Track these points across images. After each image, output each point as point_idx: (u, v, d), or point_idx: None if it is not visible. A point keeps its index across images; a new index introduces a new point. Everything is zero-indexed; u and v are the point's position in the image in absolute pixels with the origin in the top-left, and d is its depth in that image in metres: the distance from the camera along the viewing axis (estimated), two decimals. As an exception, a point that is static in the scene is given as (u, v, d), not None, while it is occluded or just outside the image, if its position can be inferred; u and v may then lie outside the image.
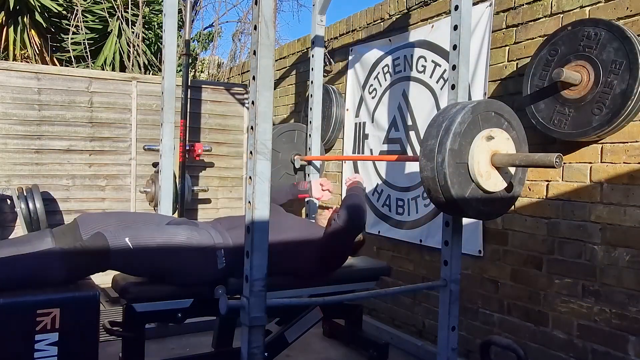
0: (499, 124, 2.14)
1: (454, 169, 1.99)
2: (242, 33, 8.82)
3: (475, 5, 2.85)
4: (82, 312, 1.86)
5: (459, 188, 2.00)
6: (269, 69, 1.79)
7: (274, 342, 2.47)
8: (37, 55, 7.16)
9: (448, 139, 1.97)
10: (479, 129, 2.06)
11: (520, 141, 2.23)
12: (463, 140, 2.01)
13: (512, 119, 2.20)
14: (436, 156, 1.98)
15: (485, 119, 2.09)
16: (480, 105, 2.07)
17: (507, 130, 2.16)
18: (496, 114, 2.13)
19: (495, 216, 2.31)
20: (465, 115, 2.01)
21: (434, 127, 2.05)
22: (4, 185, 4.25)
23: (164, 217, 2.50)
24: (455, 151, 1.98)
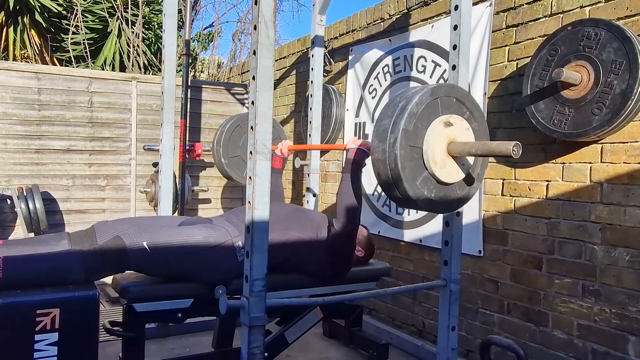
0: (460, 111, 2.01)
1: (407, 152, 1.85)
2: (242, 33, 8.83)
3: (475, 5, 2.85)
4: (82, 312, 1.86)
5: (410, 173, 1.87)
6: (269, 69, 1.79)
7: (274, 342, 2.47)
8: (37, 55, 7.16)
9: (402, 119, 1.83)
10: (438, 114, 1.92)
11: (481, 135, 2.09)
12: (419, 122, 1.87)
13: (474, 109, 2.07)
14: (389, 136, 1.84)
15: (446, 104, 1.96)
16: (441, 89, 1.95)
17: (468, 120, 2.02)
18: (458, 100, 2.01)
19: (446, 210, 2.13)
20: (424, 97, 1.88)
21: (390, 107, 1.92)
22: (4, 185, 4.26)
23: (177, 219, 2.52)
24: (410, 133, 1.85)
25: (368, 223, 3.25)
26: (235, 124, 3.81)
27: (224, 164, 3.82)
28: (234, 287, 2.21)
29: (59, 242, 2.14)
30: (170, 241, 2.15)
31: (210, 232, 2.26)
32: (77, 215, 4.54)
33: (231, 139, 3.78)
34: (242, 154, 3.81)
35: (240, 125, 3.82)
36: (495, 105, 2.84)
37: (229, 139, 3.77)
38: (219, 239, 2.24)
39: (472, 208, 2.90)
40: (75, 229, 4.14)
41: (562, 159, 2.50)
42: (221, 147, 3.76)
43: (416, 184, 1.90)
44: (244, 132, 3.77)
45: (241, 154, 3.82)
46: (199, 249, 2.19)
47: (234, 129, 3.80)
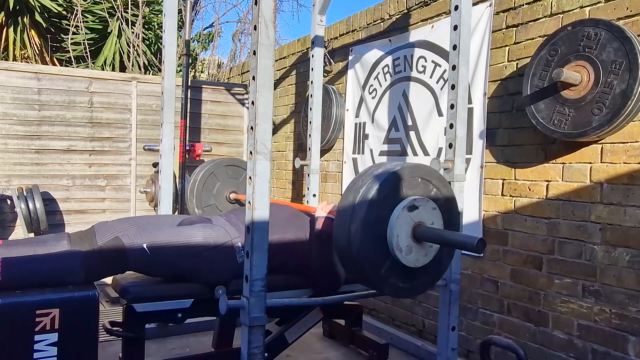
0: (425, 190, 1.96)
1: (369, 240, 1.81)
2: (242, 33, 8.82)
3: (475, 5, 2.85)
4: (82, 313, 1.86)
5: (373, 263, 1.83)
6: (269, 69, 1.79)
7: (274, 342, 2.47)
8: (37, 55, 7.16)
9: (363, 209, 1.79)
10: (402, 197, 1.88)
11: (449, 211, 2.03)
12: (380, 210, 1.82)
13: (441, 185, 2.02)
14: (350, 226, 1.81)
15: (410, 185, 1.91)
16: (404, 170, 1.90)
17: (435, 198, 1.97)
18: (423, 179, 1.95)
19: (416, 294, 2.08)
20: (387, 182, 1.83)
21: (351, 192, 1.87)
22: (4, 185, 4.26)
23: (177, 218, 2.51)
24: (371, 223, 1.80)
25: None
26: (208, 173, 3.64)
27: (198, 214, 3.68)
28: (234, 287, 2.21)
29: (59, 243, 2.14)
30: (170, 242, 2.15)
31: (209, 232, 2.25)
32: (77, 216, 4.54)
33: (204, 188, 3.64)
34: (216, 202, 3.68)
35: (213, 172, 3.68)
36: (495, 105, 2.84)
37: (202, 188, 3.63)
38: (219, 239, 2.24)
39: (472, 208, 2.90)
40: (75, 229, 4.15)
41: (562, 159, 2.50)
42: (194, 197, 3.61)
43: (381, 272, 1.86)
44: (218, 180, 3.68)
45: (215, 202, 3.69)
46: (198, 250, 2.19)
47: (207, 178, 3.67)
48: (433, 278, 2.05)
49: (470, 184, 2.88)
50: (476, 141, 2.91)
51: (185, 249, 2.16)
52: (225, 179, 3.73)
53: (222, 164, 3.75)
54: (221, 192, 3.72)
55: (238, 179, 3.72)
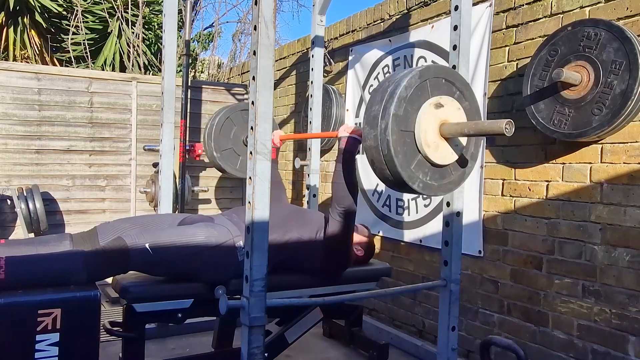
0: (450, 92, 1.98)
1: (399, 137, 1.82)
2: (242, 33, 8.82)
3: (475, 6, 2.85)
4: (83, 313, 1.86)
5: (403, 158, 1.84)
6: (269, 69, 1.79)
7: (274, 342, 2.47)
8: (37, 56, 7.16)
9: (392, 104, 1.80)
10: (428, 96, 1.90)
11: (473, 113, 2.06)
12: (409, 106, 1.84)
13: (464, 88, 2.04)
14: (379, 123, 1.81)
15: (435, 85, 1.93)
16: (429, 70, 1.92)
17: (459, 100, 2.00)
18: (447, 81, 1.98)
19: (443, 192, 2.10)
20: (412, 80, 1.85)
21: (379, 92, 1.88)
22: (4, 185, 4.26)
23: (178, 217, 2.51)
24: (400, 117, 1.82)
25: (368, 223, 3.25)
26: (224, 117, 3.74)
27: (216, 157, 3.79)
28: (234, 287, 2.21)
29: (61, 243, 2.15)
30: (172, 241, 2.15)
31: (211, 231, 2.26)
32: (77, 216, 4.54)
33: (222, 132, 3.73)
34: (233, 146, 3.77)
35: (230, 117, 3.75)
36: (495, 106, 2.84)
37: (219, 132, 3.72)
38: (220, 238, 2.25)
39: (472, 208, 2.90)
40: (76, 229, 4.16)
41: (562, 159, 2.50)
42: (212, 140, 3.71)
43: (410, 168, 1.87)
44: (234, 125, 3.73)
45: (233, 146, 3.77)
46: (200, 249, 2.19)
47: (223, 122, 3.74)
48: (459, 179, 2.07)
49: (470, 184, 2.88)
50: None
51: (188, 248, 2.17)
52: (241, 123, 3.77)
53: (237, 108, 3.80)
54: (238, 136, 3.78)
55: None
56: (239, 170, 3.93)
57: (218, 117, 3.76)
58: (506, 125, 1.77)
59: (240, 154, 3.83)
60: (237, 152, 3.81)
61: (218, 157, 3.76)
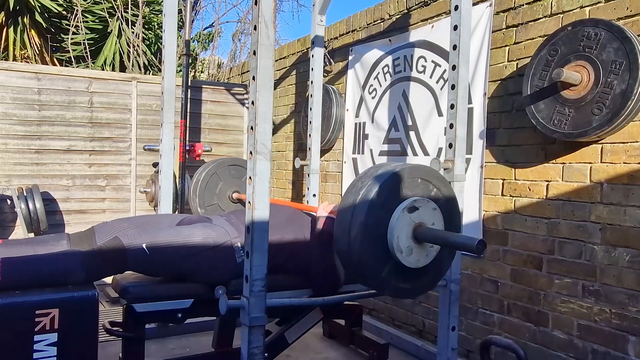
0: (426, 191, 1.96)
1: (370, 244, 1.81)
2: (242, 33, 8.82)
3: (475, 5, 2.85)
4: (81, 313, 1.86)
5: (374, 265, 1.83)
6: (269, 69, 1.79)
7: (274, 342, 2.47)
8: (37, 55, 7.16)
9: (363, 212, 1.79)
10: (401, 199, 1.88)
11: (450, 211, 2.02)
12: (381, 212, 1.82)
13: (441, 185, 2.02)
14: (350, 229, 1.80)
15: (410, 186, 1.91)
16: (404, 172, 1.90)
17: (435, 198, 1.97)
18: (423, 180, 1.95)
19: (417, 294, 2.11)
20: (385, 184, 1.83)
21: (351, 194, 1.87)
22: (4, 185, 4.26)
23: (177, 217, 2.51)
24: (371, 226, 1.80)
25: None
26: (211, 172, 3.65)
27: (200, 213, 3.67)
28: (233, 287, 2.21)
29: (59, 243, 2.14)
30: (169, 242, 2.15)
31: (209, 232, 2.25)
32: (77, 216, 4.54)
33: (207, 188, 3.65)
34: (219, 202, 3.68)
35: (216, 172, 3.67)
36: (495, 105, 2.84)
37: (205, 187, 3.64)
38: (218, 239, 2.24)
39: (472, 208, 2.90)
40: (75, 229, 4.15)
41: (562, 159, 2.50)
42: (197, 196, 3.62)
43: (382, 275, 1.86)
44: (221, 180, 3.68)
45: (218, 202, 3.69)
46: (198, 250, 2.18)
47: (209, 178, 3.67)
48: (434, 278, 2.05)
49: (470, 184, 2.88)
50: (476, 141, 2.91)
51: (185, 249, 2.16)
52: (227, 178, 3.73)
53: (224, 164, 3.76)
54: (224, 192, 3.72)
55: (241, 178, 3.72)
56: None
57: (205, 172, 3.64)
58: (478, 244, 1.73)
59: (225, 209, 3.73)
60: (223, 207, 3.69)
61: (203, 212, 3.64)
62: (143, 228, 2.27)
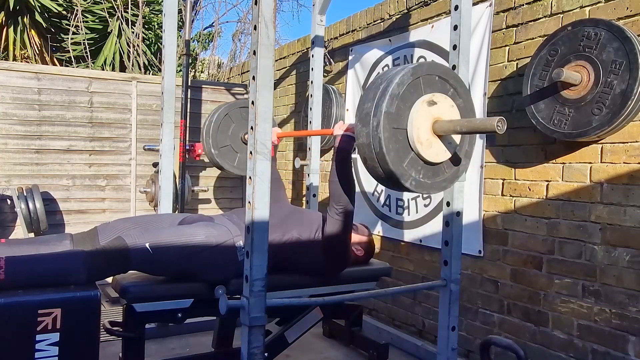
0: (443, 89, 1.97)
1: (391, 134, 1.81)
2: (242, 33, 8.82)
3: (475, 5, 2.85)
4: (83, 312, 1.86)
5: (395, 156, 1.83)
6: (269, 69, 1.79)
7: (274, 342, 2.47)
8: (37, 55, 7.16)
9: (384, 102, 1.79)
10: (421, 93, 1.89)
11: (467, 111, 2.05)
12: (401, 103, 1.83)
13: (458, 85, 2.04)
14: (371, 120, 1.81)
15: (428, 82, 1.92)
16: (422, 68, 1.91)
17: (453, 98, 1.99)
18: (440, 78, 1.97)
19: (436, 190, 2.08)
20: (405, 77, 1.84)
21: (371, 90, 1.87)
22: (4, 185, 4.26)
23: (178, 216, 2.52)
24: (392, 115, 1.81)
25: (368, 223, 3.25)
26: (223, 114, 3.75)
27: (214, 154, 3.79)
28: (234, 287, 2.21)
29: (61, 243, 2.14)
30: (172, 241, 2.15)
31: (211, 231, 2.26)
32: (77, 216, 4.54)
33: (220, 129, 3.73)
34: (231, 143, 3.77)
35: (228, 114, 3.76)
36: (495, 105, 2.84)
37: (217, 129, 3.71)
38: (220, 238, 2.25)
39: (472, 208, 2.90)
40: (76, 229, 4.16)
41: (562, 159, 2.50)
42: (210, 137, 3.71)
43: (403, 166, 1.86)
44: (233, 122, 3.73)
45: (231, 143, 3.77)
46: (200, 249, 2.19)
47: (222, 119, 3.74)
48: (453, 176, 2.06)
49: (470, 184, 2.88)
50: (476, 141, 2.91)
51: (188, 248, 2.17)
52: (239, 120, 3.78)
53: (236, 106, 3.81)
54: (236, 134, 3.79)
55: None
56: (237, 168, 3.93)
57: (217, 114, 3.76)
58: (498, 123, 1.76)
59: (238, 151, 3.83)
60: (235, 149, 3.80)
61: (216, 154, 3.76)
62: (145, 228, 2.27)
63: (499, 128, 1.76)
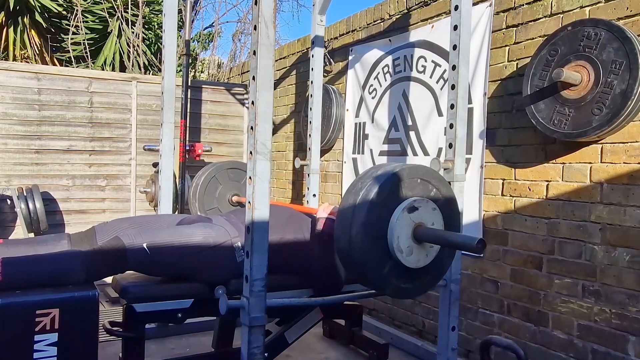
0: (425, 191, 1.97)
1: (370, 243, 1.82)
2: (242, 33, 8.82)
3: (475, 5, 2.85)
4: (82, 313, 1.86)
5: (374, 263, 1.84)
6: (269, 69, 1.79)
7: (274, 342, 2.47)
8: (37, 55, 7.16)
9: (363, 211, 1.81)
10: (401, 199, 1.88)
11: (449, 210, 2.03)
12: (381, 211, 1.84)
13: (441, 185, 2.02)
14: (351, 227, 1.81)
15: (410, 187, 1.92)
16: (403, 172, 1.91)
17: (435, 198, 1.97)
18: (423, 180, 1.96)
19: (418, 294, 2.11)
20: (387, 184, 1.84)
21: (351, 194, 1.88)
22: (4, 185, 4.26)
23: (177, 217, 2.51)
24: (372, 224, 1.82)
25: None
26: (210, 176, 3.68)
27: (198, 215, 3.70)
28: (233, 287, 2.21)
29: (59, 243, 2.14)
30: (170, 241, 2.15)
31: (209, 231, 2.25)
32: (77, 216, 4.54)
33: (207, 192, 3.67)
34: (218, 205, 3.71)
35: (215, 176, 3.70)
36: (495, 105, 2.84)
37: (204, 192, 3.66)
38: (218, 239, 2.24)
39: (472, 208, 2.90)
40: (75, 229, 4.15)
41: (562, 159, 2.50)
42: (197, 200, 3.66)
43: (383, 273, 1.87)
44: (220, 184, 3.71)
45: (217, 205, 3.72)
46: (198, 249, 2.19)
47: (209, 181, 3.70)
48: (434, 278, 2.06)
49: (470, 184, 2.88)
50: (476, 141, 2.91)
51: (185, 249, 2.16)
52: (227, 181, 3.75)
53: (223, 167, 3.78)
54: (223, 195, 3.75)
55: (240, 181, 3.74)
56: None
57: (204, 175, 3.67)
58: (478, 244, 1.74)
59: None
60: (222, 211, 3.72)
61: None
62: (144, 228, 2.27)
63: (478, 249, 1.75)
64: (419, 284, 2.00)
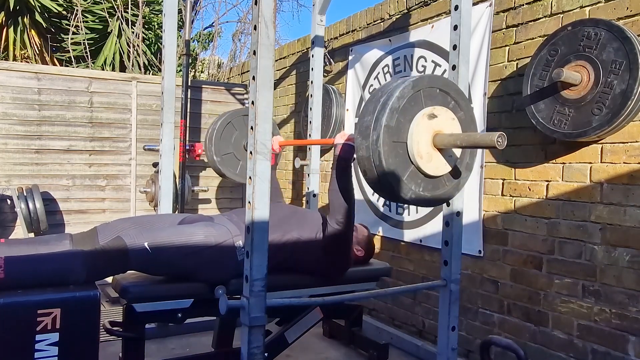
0: (444, 102, 1.97)
1: (390, 148, 1.81)
2: (242, 33, 8.82)
3: (475, 5, 2.85)
4: (83, 312, 1.86)
5: (395, 170, 1.83)
6: (269, 69, 1.79)
7: (274, 342, 2.47)
8: (37, 55, 7.16)
9: (384, 115, 1.79)
10: (421, 106, 1.88)
11: (468, 123, 2.04)
12: (402, 117, 1.83)
13: (459, 98, 2.02)
14: (371, 133, 1.80)
15: (429, 95, 1.92)
16: (422, 80, 1.90)
17: (454, 110, 1.98)
18: (441, 91, 1.96)
19: (437, 203, 2.08)
20: (405, 90, 1.83)
21: (372, 103, 1.87)
22: (4, 185, 4.26)
23: (178, 216, 2.52)
24: (392, 129, 1.81)
25: (368, 223, 3.25)
26: (226, 122, 3.80)
27: (216, 161, 3.83)
28: (234, 287, 2.21)
29: (61, 243, 2.15)
30: (171, 241, 2.15)
31: (211, 230, 2.26)
32: (77, 216, 4.54)
33: (222, 137, 3.78)
34: (234, 150, 3.82)
35: (231, 122, 3.80)
36: (495, 105, 2.84)
37: (220, 136, 3.76)
38: (220, 238, 2.25)
39: (472, 208, 2.90)
40: (76, 229, 4.16)
41: (562, 159, 2.50)
42: (213, 145, 3.76)
43: (403, 179, 1.87)
44: (236, 129, 3.78)
45: (233, 151, 3.82)
46: (200, 249, 2.19)
47: (224, 127, 3.79)
48: (453, 189, 2.06)
49: (470, 184, 2.88)
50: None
51: (187, 248, 2.17)
52: (242, 127, 3.81)
53: (239, 113, 3.84)
54: (239, 141, 3.83)
55: None
56: (238, 175, 3.94)
57: (220, 121, 3.80)
58: (498, 138, 1.76)
59: (240, 158, 3.86)
60: (238, 156, 3.84)
61: (218, 161, 3.79)
62: (145, 227, 2.28)
63: (499, 143, 1.77)
64: (438, 193, 2.00)
